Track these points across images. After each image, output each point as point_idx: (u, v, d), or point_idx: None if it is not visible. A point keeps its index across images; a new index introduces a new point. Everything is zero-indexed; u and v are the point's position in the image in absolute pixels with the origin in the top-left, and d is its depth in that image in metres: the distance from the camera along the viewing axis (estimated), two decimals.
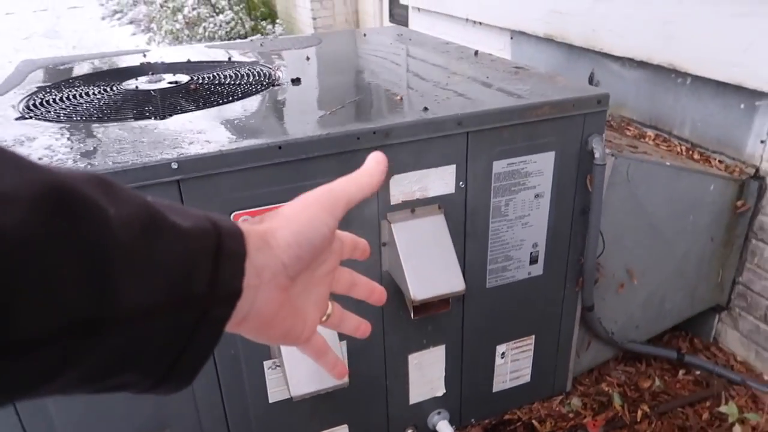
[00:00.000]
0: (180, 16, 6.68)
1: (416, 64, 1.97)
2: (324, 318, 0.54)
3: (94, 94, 1.73)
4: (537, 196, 1.60)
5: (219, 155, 1.24)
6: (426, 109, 1.44)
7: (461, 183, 1.48)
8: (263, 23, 7.17)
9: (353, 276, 0.57)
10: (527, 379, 1.89)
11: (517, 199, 1.58)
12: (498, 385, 1.86)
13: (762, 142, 1.88)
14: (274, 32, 6.27)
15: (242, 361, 1.46)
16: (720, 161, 2.00)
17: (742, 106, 1.91)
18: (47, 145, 1.32)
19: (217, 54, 2.27)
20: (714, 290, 2.12)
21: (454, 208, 1.50)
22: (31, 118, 1.54)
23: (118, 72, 2.01)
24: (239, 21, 6.79)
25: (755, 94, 1.84)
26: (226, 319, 0.41)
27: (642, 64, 2.21)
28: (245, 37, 6.90)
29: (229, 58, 2.15)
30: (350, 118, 1.44)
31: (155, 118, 1.48)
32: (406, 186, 1.43)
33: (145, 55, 2.28)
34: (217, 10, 6.78)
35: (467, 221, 1.54)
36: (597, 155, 1.56)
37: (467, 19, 3.33)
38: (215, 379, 1.45)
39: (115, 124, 1.46)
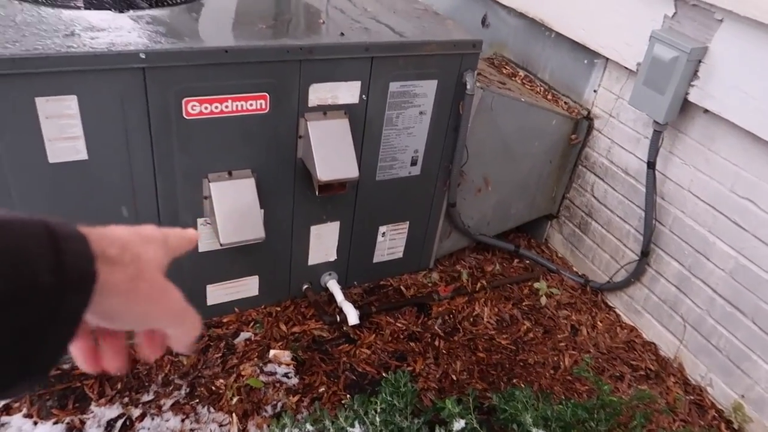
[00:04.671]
0: None
1: None
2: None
3: None
4: (421, 113, 2.08)
5: (178, 52, 1.59)
6: (342, 34, 1.85)
7: (364, 96, 1.92)
8: None
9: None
10: (400, 255, 2.45)
11: (406, 114, 2.05)
12: (377, 257, 2.40)
13: (594, 91, 2.47)
14: None
15: (180, 217, 1.87)
16: (566, 102, 2.58)
17: (586, 61, 2.46)
18: (27, 21, 1.60)
19: None
20: (548, 202, 2.76)
21: (356, 116, 1.95)
22: None
23: None
24: None
25: (594, 54, 2.40)
26: (84, 304, 0.39)
27: (521, 15, 2.70)
28: None
29: None
30: (282, 33, 1.82)
31: (114, 10, 1.76)
32: (321, 93, 1.85)
33: None
34: None
35: (366, 127, 2.00)
36: (468, 87, 2.05)
37: None
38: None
39: (81, 11, 1.73)
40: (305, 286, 2.30)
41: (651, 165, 2.17)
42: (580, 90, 2.53)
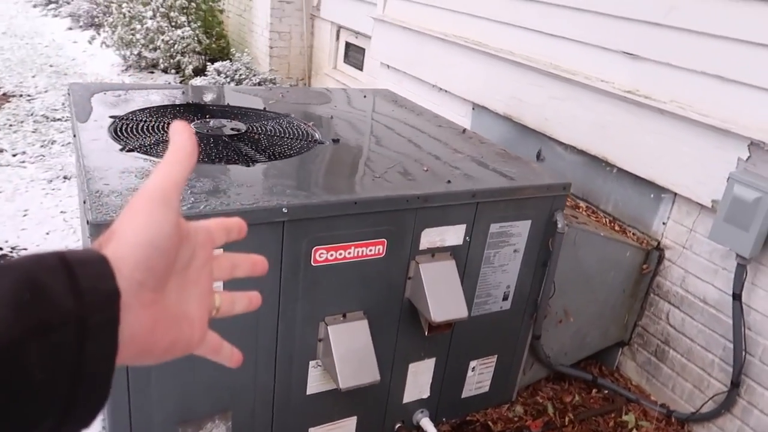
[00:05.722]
0: (139, 26, 6.80)
1: (422, 136, 2.49)
2: (214, 312, 0.52)
3: None
4: (515, 251, 2.16)
5: (316, 205, 1.69)
6: (449, 181, 1.97)
7: (467, 238, 2.01)
8: (222, 47, 7.47)
9: (232, 258, 0.54)
10: (486, 389, 2.43)
11: (502, 252, 2.13)
12: (466, 392, 2.38)
13: (663, 223, 2.58)
14: (240, 59, 6.57)
15: (294, 360, 1.88)
16: (633, 233, 2.69)
17: (652, 195, 2.60)
18: None
19: (249, 100, 2.68)
20: (620, 329, 2.79)
21: (459, 256, 2.03)
22: (132, 150, 1.89)
23: (179, 109, 2.37)
24: (195, 38, 7.03)
25: (661, 189, 2.54)
26: (113, 322, 0.39)
27: (581, 152, 2.88)
28: (201, 54, 7.13)
29: (264, 108, 2.57)
30: (397, 182, 1.93)
31: (243, 165, 1.89)
32: (431, 237, 1.94)
33: (184, 92, 2.63)
34: (174, 25, 6.98)
35: (466, 266, 2.07)
36: (559, 225, 2.16)
37: (434, 85, 3.93)
38: (273, 372, 1.86)
39: (213, 165, 1.85)
40: (398, 425, 2.25)
41: (737, 297, 2.23)
42: (648, 222, 2.65)
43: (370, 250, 1.84)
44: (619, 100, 2.61)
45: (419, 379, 2.21)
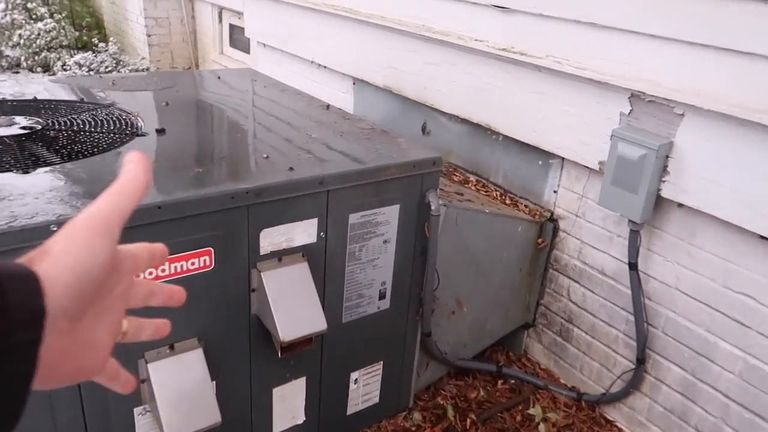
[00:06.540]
0: None
1: (275, 117, 2.14)
2: (120, 337, 0.48)
3: None
4: (385, 242, 1.86)
5: None
6: (291, 168, 1.63)
7: (322, 233, 1.69)
8: (94, 39, 6.76)
9: (150, 286, 0.52)
10: (376, 400, 2.13)
11: (369, 246, 1.82)
12: (351, 408, 2.07)
13: (555, 191, 2.35)
14: (106, 49, 5.94)
15: (111, 408, 1.50)
16: (525, 205, 2.45)
17: (540, 162, 2.37)
18: None
19: (66, 92, 2.23)
20: (523, 311, 2.56)
21: (315, 256, 1.70)
22: None
23: None
24: (62, 30, 6.33)
25: (549, 155, 2.31)
26: (35, 342, 0.38)
27: (465, 121, 2.62)
28: (72, 48, 6.44)
29: (82, 99, 2.13)
30: (223, 176, 1.57)
31: (17, 172, 1.47)
32: (274, 238, 1.60)
33: None
34: (35, 17, 6.24)
35: (327, 266, 1.75)
36: (433, 207, 1.87)
37: (312, 62, 3.56)
38: (82, 428, 1.48)
39: None
40: None
41: (633, 266, 2.03)
42: (539, 191, 2.42)
43: (193, 264, 1.48)
44: (494, 59, 2.35)
45: (290, 404, 1.88)
